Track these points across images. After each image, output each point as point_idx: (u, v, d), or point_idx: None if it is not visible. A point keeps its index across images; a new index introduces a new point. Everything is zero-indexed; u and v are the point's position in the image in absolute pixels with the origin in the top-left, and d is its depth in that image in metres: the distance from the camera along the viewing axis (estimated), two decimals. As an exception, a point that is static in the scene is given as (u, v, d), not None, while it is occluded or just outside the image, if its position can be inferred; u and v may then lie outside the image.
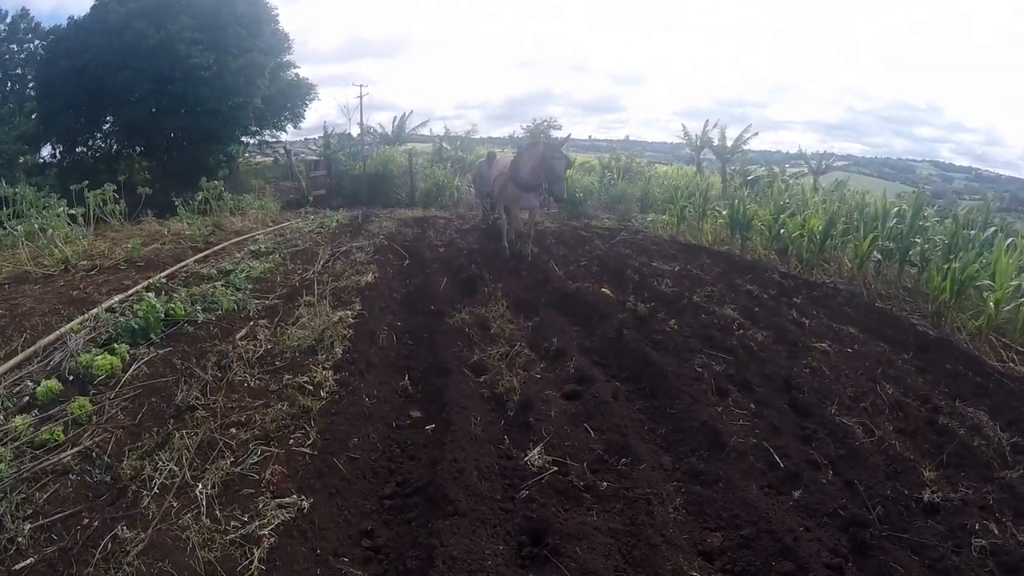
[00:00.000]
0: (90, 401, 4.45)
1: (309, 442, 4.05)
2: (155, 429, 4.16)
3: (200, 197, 14.09)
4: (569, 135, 19.66)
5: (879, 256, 10.61)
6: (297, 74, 25.61)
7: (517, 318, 7.03)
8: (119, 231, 11.95)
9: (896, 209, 11.14)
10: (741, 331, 7.01)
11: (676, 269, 10.27)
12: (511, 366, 5.59)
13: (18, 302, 6.65)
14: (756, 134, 27.21)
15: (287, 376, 4.99)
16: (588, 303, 7.57)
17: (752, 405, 5.23)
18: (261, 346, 5.51)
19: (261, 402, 4.58)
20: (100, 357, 4.99)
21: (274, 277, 7.98)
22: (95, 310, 6.14)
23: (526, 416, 4.68)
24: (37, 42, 24.41)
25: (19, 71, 24.74)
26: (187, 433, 4.03)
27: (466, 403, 4.78)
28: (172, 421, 4.27)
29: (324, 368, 5.08)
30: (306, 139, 28.34)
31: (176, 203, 13.76)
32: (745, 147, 26.88)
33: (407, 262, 9.63)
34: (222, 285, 7.14)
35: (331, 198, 20.38)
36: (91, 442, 3.99)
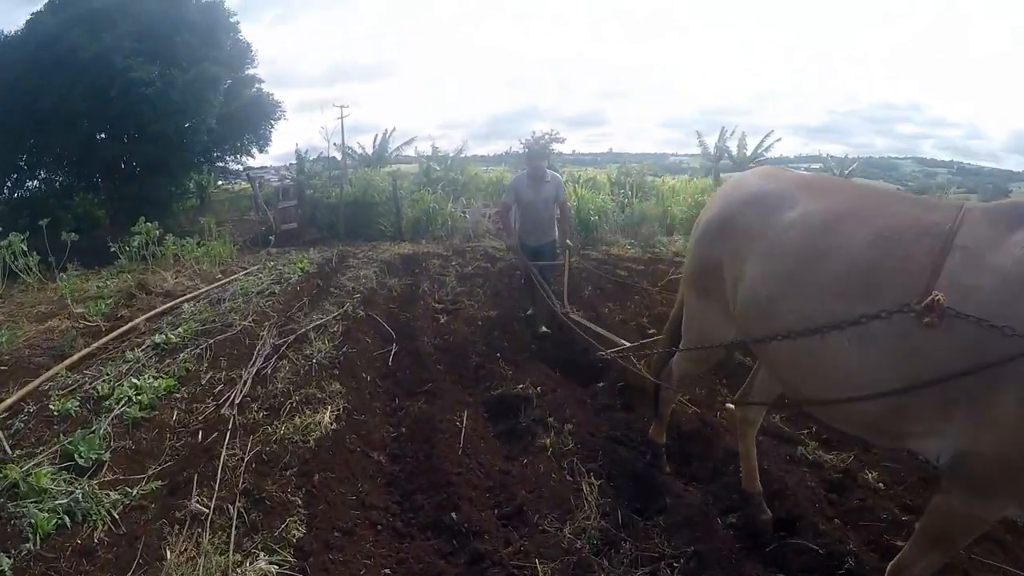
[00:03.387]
0: None
1: None
2: None
3: (136, 242, 10.86)
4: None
5: None
6: (260, 89, 21.51)
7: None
8: (25, 294, 9.22)
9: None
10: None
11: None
12: None
13: None
14: (779, 140, 24.28)
15: None
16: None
17: None
18: None
19: None
20: None
21: (164, 417, 4.58)
22: None
23: None
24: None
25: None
26: None
27: None
28: None
29: None
30: (285, 166, 24.71)
31: (112, 249, 10.90)
32: (767, 154, 24.05)
33: (394, 350, 6.17)
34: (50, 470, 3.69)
35: (304, 231, 16.94)
36: None
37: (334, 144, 23.28)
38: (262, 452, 3.86)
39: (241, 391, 4.76)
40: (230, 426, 4.20)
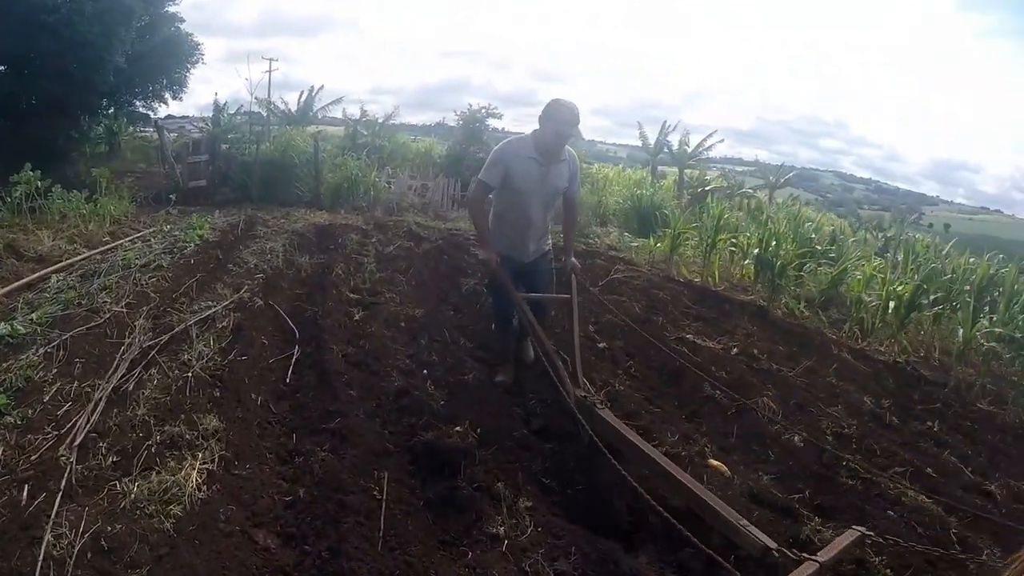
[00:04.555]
0: None
1: None
2: None
3: (19, 192, 9.28)
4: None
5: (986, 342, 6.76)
6: (179, 27, 18.99)
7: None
8: None
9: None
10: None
11: (734, 352, 6.47)
12: None
13: None
14: (722, 140, 23.78)
15: None
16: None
17: None
18: None
19: None
20: None
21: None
22: None
23: None
24: None
25: None
26: None
27: None
28: None
29: None
30: (201, 117, 22.48)
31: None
32: (707, 154, 23.63)
33: (295, 359, 5.03)
34: None
35: (214, 190, 15.39)
36: None
37: (256, 98, 21.52)
38: (103, 534, 2.74)
39: (89, 420, 3.59)
40: (64, 482, 3.06)
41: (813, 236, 10.30)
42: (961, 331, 6.88)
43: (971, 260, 8.70)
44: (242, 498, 3.24)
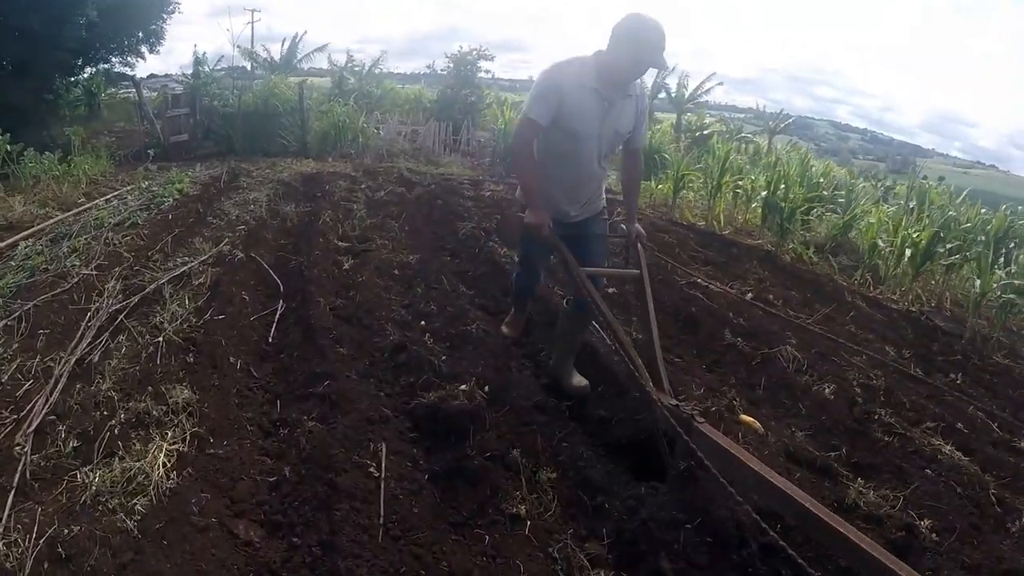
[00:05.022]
0: None
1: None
2: None
3: None
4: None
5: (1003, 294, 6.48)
6: None
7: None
8: None
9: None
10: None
11: (748, 297, 6.14)
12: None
13: None
14: (720, 84, 23.08)
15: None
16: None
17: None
18: None
19: None
20: None
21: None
22: None
23: None
24: None
25: None
26: None
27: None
28: None
29: None
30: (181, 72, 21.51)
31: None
32: (705, 98, 23.07)
33: (279, 314, 4.62)
34: None
35: (196, 145, 14.93)
36: None
37: (238, 48, 20.69)
38: (60, 539, 2.30)
39: (48, 400, 3.14)
40: (18, 476, 2.61)
41: (821, 180, 9.91)
42: (978, 282, 6.54)
43: (983, 211, 8.48)
44: (219, 482, 2.82)
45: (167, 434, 2.93)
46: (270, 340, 4.34)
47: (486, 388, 3.54)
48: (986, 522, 3.20)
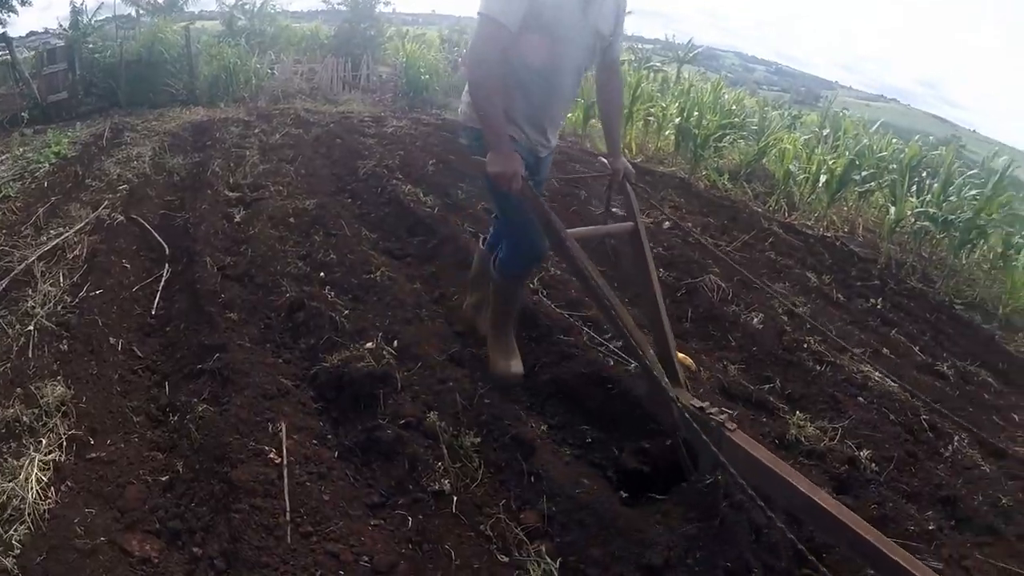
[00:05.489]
0: None
1: None
2: None
3: None
4: None
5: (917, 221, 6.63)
6: None
7: None
8: None
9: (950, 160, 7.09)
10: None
11: (666, 226, 5.98)
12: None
13: None
14: (630, 12, 22.42)
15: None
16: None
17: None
18: None
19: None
20: None
21: None
22: None
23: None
24: None
25: None
26: None
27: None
28: None
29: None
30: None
31: None
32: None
33: (164, 281, 4.12)
34: None
35: (77, 102, 13.51)
36: None
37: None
38: None
39: None
40: None
41: (733, 108, 9.87)
42: (893, 209, 6.68)
43: (895, 141, 8.71)
44: (104, 491, 2.39)
45: (41, 442, 2.47)
46: (154, 312, 3.85)
47: (395, 343, 3.22)
48: (920, 448, 3.19)
